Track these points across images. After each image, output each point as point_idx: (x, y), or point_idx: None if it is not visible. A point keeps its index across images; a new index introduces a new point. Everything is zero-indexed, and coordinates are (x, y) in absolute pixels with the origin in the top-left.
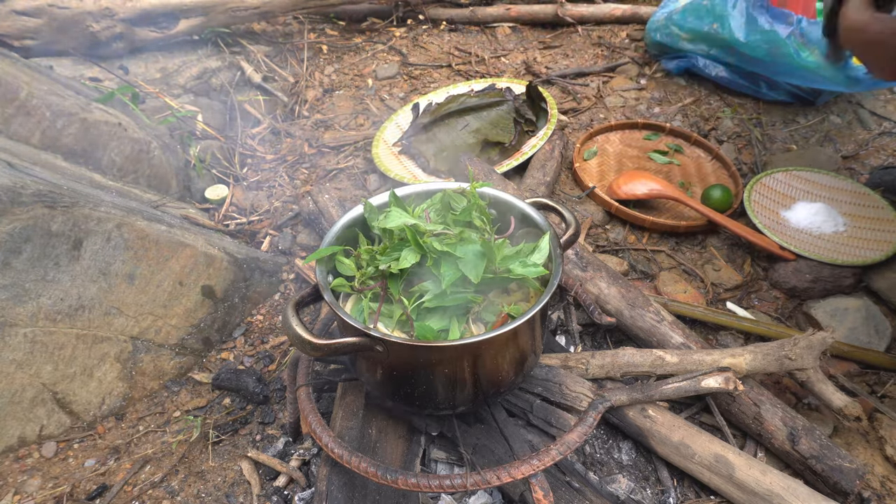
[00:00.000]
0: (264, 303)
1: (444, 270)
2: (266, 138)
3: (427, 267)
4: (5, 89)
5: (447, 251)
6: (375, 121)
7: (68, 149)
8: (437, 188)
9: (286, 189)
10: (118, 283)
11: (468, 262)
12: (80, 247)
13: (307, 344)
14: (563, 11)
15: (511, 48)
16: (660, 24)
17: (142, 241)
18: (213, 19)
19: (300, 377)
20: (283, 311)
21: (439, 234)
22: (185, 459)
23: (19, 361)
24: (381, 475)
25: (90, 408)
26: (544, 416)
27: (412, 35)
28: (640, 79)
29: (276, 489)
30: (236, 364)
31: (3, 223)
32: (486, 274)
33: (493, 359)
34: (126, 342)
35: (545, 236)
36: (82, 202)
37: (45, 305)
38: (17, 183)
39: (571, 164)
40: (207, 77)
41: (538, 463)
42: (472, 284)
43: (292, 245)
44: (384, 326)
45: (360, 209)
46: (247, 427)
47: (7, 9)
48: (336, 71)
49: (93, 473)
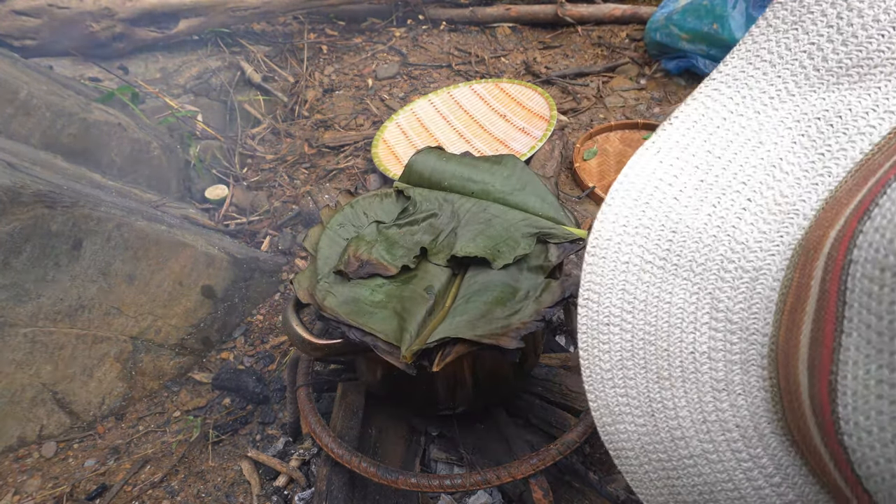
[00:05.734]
0: (264, 303)
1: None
2: (266, 138)
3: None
4: (5, 89)
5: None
6: (375, 121)
7: (68, 149)
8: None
9: (286, 189)
10: (118, 283)
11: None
12: (80, 247)
13: (307, 344)
14: (563, 11)
15: (511, 48)
16: (660, 24)
17: (142, 241)
18: (213, 19)
19: (300, 377)
20: (283, 311)
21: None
22: (185, 459)
23: (19, 361)
24: (381, 475)
25: (90, 408)
26: (544, 416)
27: (412, 35)
28: (640, 79)
29: (276, 489)
30: (236, 364)
31: (3, 223)
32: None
33: (493, 359)
34: (126, 342)
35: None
36: (82, 202)
37: (45, 305)
38: (17, 183)
39: (571, 164)
40: (207, 77)
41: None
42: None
43: (292, 245)
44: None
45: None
46: (247, 427)
47: (7, 9)
48: (336, 71)
49: (93, 473)
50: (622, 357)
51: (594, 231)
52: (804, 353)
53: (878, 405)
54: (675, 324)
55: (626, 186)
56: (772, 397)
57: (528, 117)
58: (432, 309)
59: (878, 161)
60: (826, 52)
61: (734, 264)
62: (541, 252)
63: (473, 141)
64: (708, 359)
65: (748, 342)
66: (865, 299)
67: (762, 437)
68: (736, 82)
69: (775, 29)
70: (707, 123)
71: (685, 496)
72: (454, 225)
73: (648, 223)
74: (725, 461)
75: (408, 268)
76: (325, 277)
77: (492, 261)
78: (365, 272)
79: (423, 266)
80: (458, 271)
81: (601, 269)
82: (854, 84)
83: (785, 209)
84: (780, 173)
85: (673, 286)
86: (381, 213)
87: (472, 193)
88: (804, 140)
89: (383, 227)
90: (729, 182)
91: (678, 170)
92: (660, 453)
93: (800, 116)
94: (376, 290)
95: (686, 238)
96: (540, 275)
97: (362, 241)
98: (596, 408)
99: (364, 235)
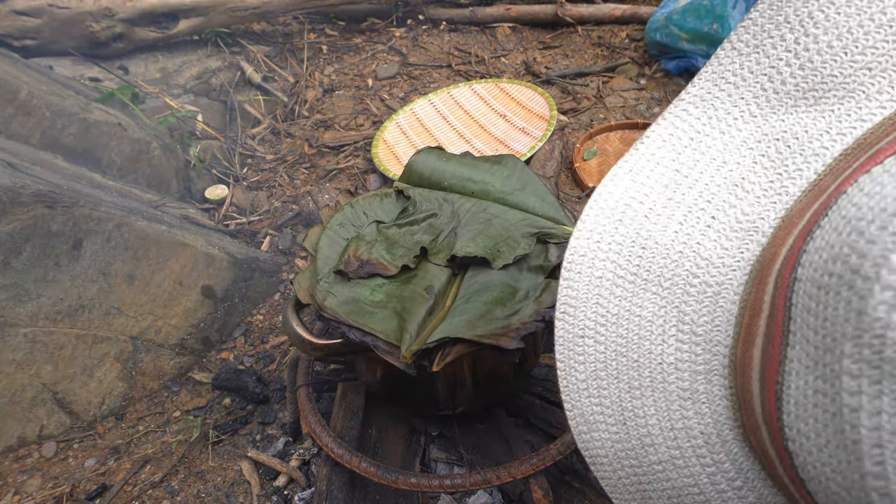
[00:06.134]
0: (264, 303)
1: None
2: (266, 138)
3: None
4: (5, 89)
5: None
6: (375, 121)
7: (68, 149)
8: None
9: (286, 189)
10: (118, 283)
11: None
12: (80, 247)
13: (307, 344)
14: (563, 11)
15: (511, 48)
16: (659, 24)
17: (142, 241)
18: (213, 19)
19: (300, 377)
20: (283, 311)
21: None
22: (185, 459)
23: (19, 361)
24: (381, 475)
25: (90, 408)
26: (544, 416)
27: (412, 35)
28: (640, 79)
29: (276, 489)
30: (236, 364)
31: (4, 223)
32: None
33: (493, 359)
34: (126, 342)
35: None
36: (82, 202)
37: (46, 305)
38: (18, 183)
39: (571, 164)
40: (207, 77)
41: (538, 463)
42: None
43: (292, 245)
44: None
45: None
46: (247, 427)
47: (7, 9)
48: (336, 71)
49: (93, 473)
50: (596, 368)
51: (570, 247)
52: (757, 364)
53: (814, 413)
54: (645, 336)
55: (601, 203)
56: (732, 405)
57: (528, 117)
58: (432, 309)
59: (826, 182)
60: (785, 75)
61: (699, 279)
62: (541, 252)
63: (473, 141)
64: (675, 369)
65: (711, 353)
66: (805, 315)
67: (724, 444)
68: (703, 103)
69: (739, 52)
70: (676, 143)
71: (655, 500)
72: (454, 225)
73: (621, 239)
74: (691, 466)
75: (408, 268)
76: (325, 277)
77: (492, 261)
78: (365, 272)
79: (423, 266)
80: (458, 271)
81: (576, 284)
82: (810, 107)
83: (746, 227)
84: (742, 192)
85: (643, 300)
86: (381, 213)
87: (472, 193)
88: (764, 160)
89: (383, 227)
90: (695, 200)
91: (649, 188)
92: (631, 459)
93: (761, 137)
94: (376, 290)
95: (655, 254)
96: (540, 275)
97: (362, 240)
98: (572, 416)
99: (364, 235)
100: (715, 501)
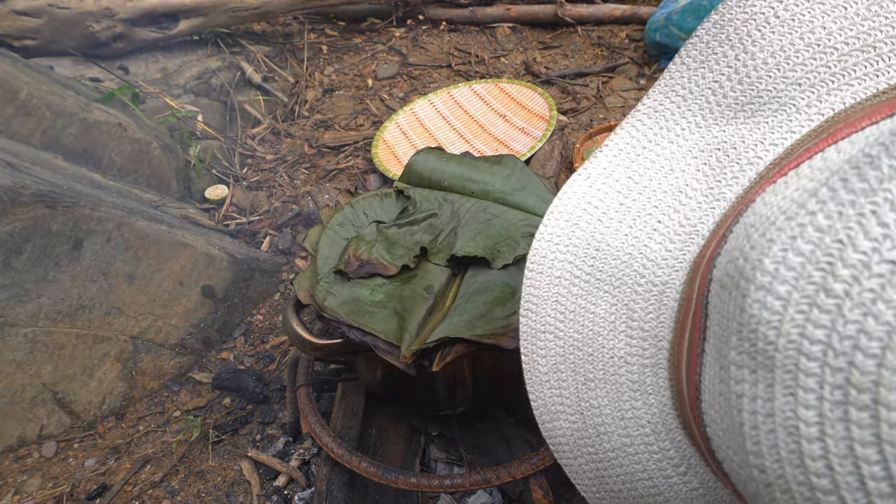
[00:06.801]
0: (264, 303)
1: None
2: (266, 138)
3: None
4: (5, 89)
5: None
6: (375, 121)
7: (68, 149)
8: None
9: (286, 189)
10: (118, 283)
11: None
12: (80, 247)
13: (307, 344)
14: (563, 12)
15: (511, 48)
16: (659, 24)
17: (142, 241)
18: (213, 19)
19: (300, 377)
20: (283, 311)
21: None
22: (185, 459)
23: (19, 361)
24: (381, 475)
25: (90, 408)
26: None
27: (412, 35)
28: (640, 79)
29: (276, 489)
30: (236, 364)
31: (4, 223)
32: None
33: (493, 358)
34: (126, 342)
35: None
36: (83, 202)
37: (46, 305)
38: (18, 183)
39: (571, 164)
40: (207, 77)
41: (538, 462)
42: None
43: (292, 245)
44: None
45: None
46: (247, 427)
47: (7, 9)
48: (336, 71)
49: (93, 473)
50: (556, 362)
51: (532, 249)
52: (685, 356)
53: (719, 400)
54: (599, 332)
55: (560, 208)
56: (673, 396)
57: (528, 117)
58: (432, 309)
59: (754, 190)
60: (726, 89)
61: (646, 279)
62: None
63: (473, 141)
64: (625, 363)
65: (657, 348)
66: (714, 312)
67: (669, 432)
68: (656, 114)
69: (687, 67)
70: (630, 152)
71: (612, 485)
72: (454, 225)
73: (577, 242)
74: (640, 453)
75: (408, 267)
76: (325, 277)
77: (492, 260)
78: (365, 272)
79: (423, 266)
80: (458, 271)
81: (538, 283)
82: (748, 119)
83: (688, 230)
84: (686, 198)
85: (597, 298)
86: (381, 213)
87: (472, 193)
88: (706, 168)
89: (383, 227)
90: (644, 206)
91: (603, 194)
92: (589, 447)
93: (704, 146)
94: (376, 289)
95: (607, 255)
96: None
97: (362, 240)
98: (536, 407)
99: (364, 235)
100: (662, 486)
